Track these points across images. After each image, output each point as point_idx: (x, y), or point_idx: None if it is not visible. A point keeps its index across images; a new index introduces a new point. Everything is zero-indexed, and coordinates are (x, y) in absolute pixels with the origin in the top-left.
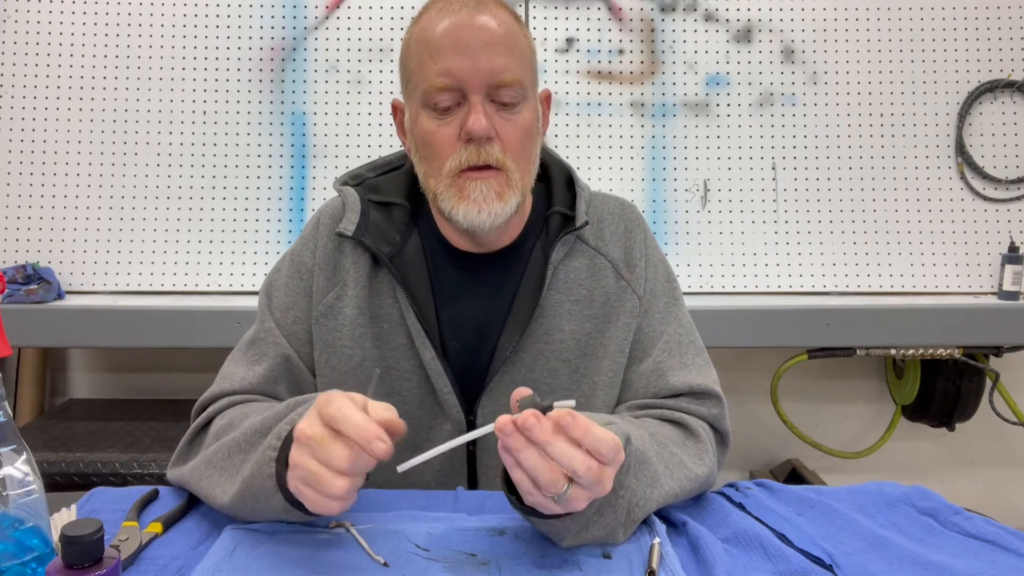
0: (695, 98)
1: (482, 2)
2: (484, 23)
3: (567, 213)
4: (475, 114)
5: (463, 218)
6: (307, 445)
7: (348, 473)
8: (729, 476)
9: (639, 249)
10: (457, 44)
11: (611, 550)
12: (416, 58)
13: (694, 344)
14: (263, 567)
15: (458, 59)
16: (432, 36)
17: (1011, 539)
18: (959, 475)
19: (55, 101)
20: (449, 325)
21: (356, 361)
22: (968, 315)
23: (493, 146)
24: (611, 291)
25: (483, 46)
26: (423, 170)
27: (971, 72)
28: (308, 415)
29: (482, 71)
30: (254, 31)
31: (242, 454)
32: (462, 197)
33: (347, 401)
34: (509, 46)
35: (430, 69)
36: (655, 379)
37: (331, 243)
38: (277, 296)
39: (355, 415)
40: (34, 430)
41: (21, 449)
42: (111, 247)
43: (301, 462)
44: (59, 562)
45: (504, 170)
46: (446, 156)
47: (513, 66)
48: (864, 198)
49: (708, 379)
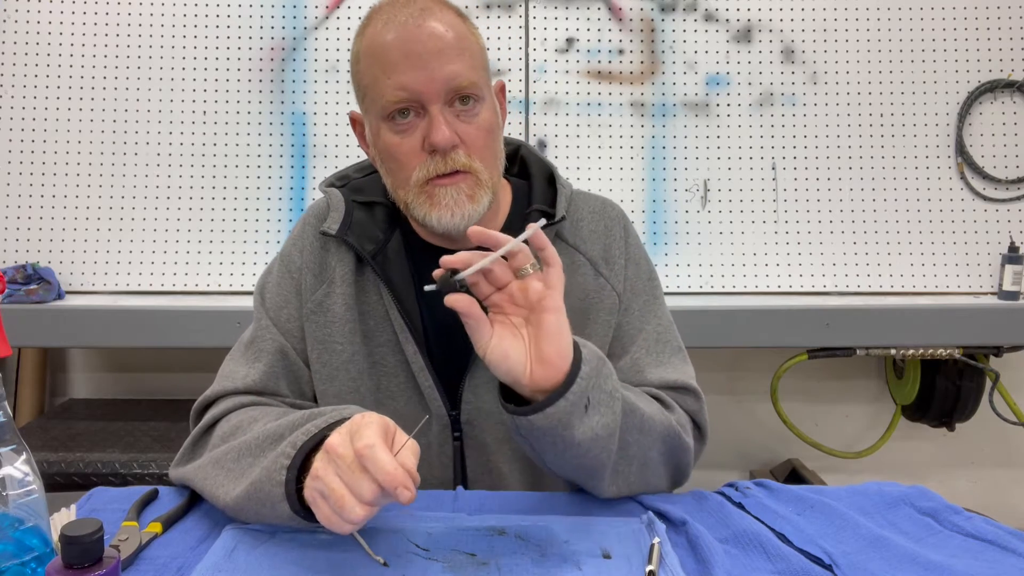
0: (695, 98)
1: (426, 8)
2: (432, 30)
3: (546, 210)
4: (437, 126)
5: (437, 223)
6: (334, 462)
7: (369, 504)
8: (729, 476)
9: (618, 246)
10: (408, 56)
11: (611, 550)
12: (368, 73)
13: (671, 343)
14: (263, 567)
15: (411, 72)
16: (381, 50)
17: (1011, 539)
18: (959, 475)
19: (55, 101)
20: (432, 321)
21: (347, 356)
22: (968, 315)
23: (458, 152)
24: (589, 288)
25: (434, 55)
26: (390, 181)
27: (971, 72)
28: (341, 432)
29: (437, 80)
30: (254, 31)
31: (251, 457)
32: (433, 204)
33: (380, 438)
34: (460, 49)
35: (385, 84)
36: (633, 375)
37: (317, 242)
38: (270, 296)
39: (384, 459)
40: (34, 430)
41: (21, 449)
42: (111, 247)
43: (325, 477)
44: (59, 562)
45: (472, 172)
46: (412, 167)
47: (467, 70)
48: (864, 198)
49: (685, 375)
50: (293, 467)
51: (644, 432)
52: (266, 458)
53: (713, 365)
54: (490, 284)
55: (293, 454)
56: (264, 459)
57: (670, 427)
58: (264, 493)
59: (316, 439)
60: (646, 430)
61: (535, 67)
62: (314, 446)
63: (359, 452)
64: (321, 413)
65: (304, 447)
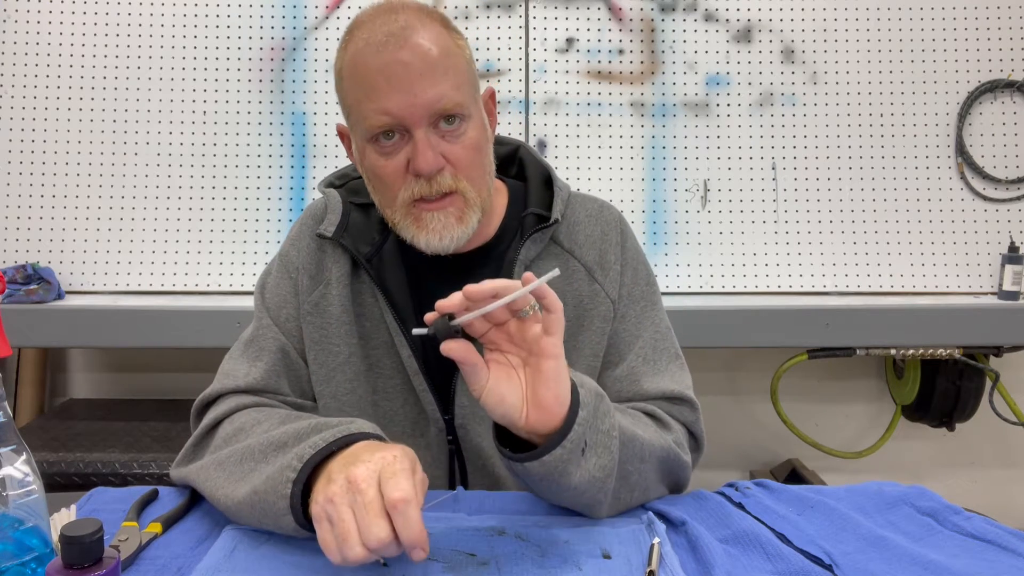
0: (695, 98)
1: (408, 25)
2: (414, 51)
3: (542, 213)
4: (421, 152)
5: (426, 246)
6: (353, 495)
7: (372, 550)
8: (729, 476)
9: (614, 252)
10: (390, 80)
11: (611, 550)
12: (352, 94)
13: (668, 350)
14: (263, 567)
15: (395, 96)
16: (363, 72)
17: (1011, 539)
18: (959, 475)
19: (55, 101)
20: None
21: (344, 357)
22: (968, 315)
23: (444, 175)
24: (583, 294)
25: (417, 78)
26: (377, 199)
27: (971, 72)
28: (369, 465)
29: (420, 105)
30: (254, 31)
31: (253, 462)
32: (420, 227)
33: (413, 489)
34: (444, 69)
35: (367, 108)
36: (629, 384)
37: (313, 243)
38: (270, 295)
39: (416, 518)
40: (34, 430)
41: (21, 449)
42: (111, 247)
43: (340, 507)
44: (59, 562)
45: (459, 192)
46: (397, 188)
47: (451, 91)
48: (864, 198)
49: (681, 384)
50: (299, 481)
51: (644, 460)
52: (270, 466)
53: (713, 365)
54: (486, 321)
55: (300, 467)
56: (267, 466)
57: (669, 449)
58: (268, 504)
59: (324, 454)
60: (646, 457)
61: (535, 67)
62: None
63: (393, 504)
64: (327, 424)
65: (311, 461)
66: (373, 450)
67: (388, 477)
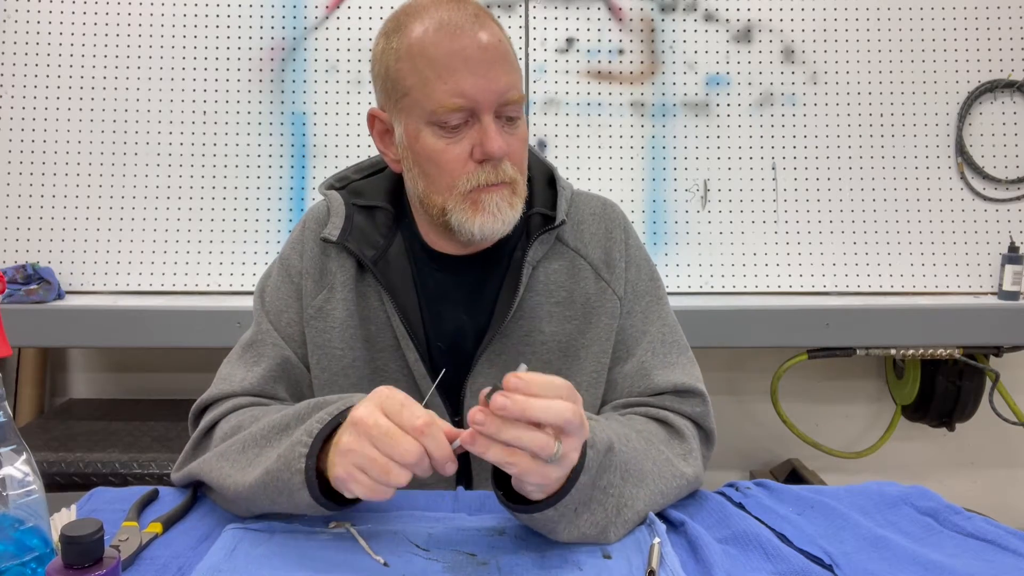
0: (695, 98)
1: (479, 14)
2: (488, 40)
3: (547, 213)
4: (493, 136)
5: (479, 230)
6: (368, 435)
7: (412, 467)
8: (729, 476)
9: (619, 249)
10: (467, 63)
11: (611, 550)
12: (416, 74)
13: (677, 343)
14: (263, 567)
15: (471, 79)
16: (435, 53)
17: (1011, 539)
18: (959, 475)
19: (55, 101)
20: (434, 327)
21: (347, 362)
22: (968, 315)
23: (506, 163)
24: (591, 292)
25: (492, 64)
26: (423, 185)
27: (971, 72)
28: (367, 404)
29: (494, 91)
30: (254, 31)
31: (259, 448)
32: (477, 210)
33: (433, 418)
34: (512, 62)
35: (439, 88)
36: (639, 379)
37: (317, 247)
38: (270, 300)
39: (443, 438)
40: (34, 430)
41: (21, 449)
42: (111, 247)
43: (362, 449)
44: (59, 562)
45: (513, 182)
46: (457, 175)
47: (518, 83)
48: (864, 198)
49: (692, 377)
50: (312, 454)
51: (654, 494)
52: (276, 448)
53: (713, 365)
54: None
55: (311, 442)
56: (275, 448)
57: (681, 476)
58: (281, 482)
59: (332, 426)
60: (656, 492)
61: (535, 67)
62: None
63: (419, 430)
64: (329, 401)
65: (321, 434)
66: (365, 400)
67: (398, 409)
